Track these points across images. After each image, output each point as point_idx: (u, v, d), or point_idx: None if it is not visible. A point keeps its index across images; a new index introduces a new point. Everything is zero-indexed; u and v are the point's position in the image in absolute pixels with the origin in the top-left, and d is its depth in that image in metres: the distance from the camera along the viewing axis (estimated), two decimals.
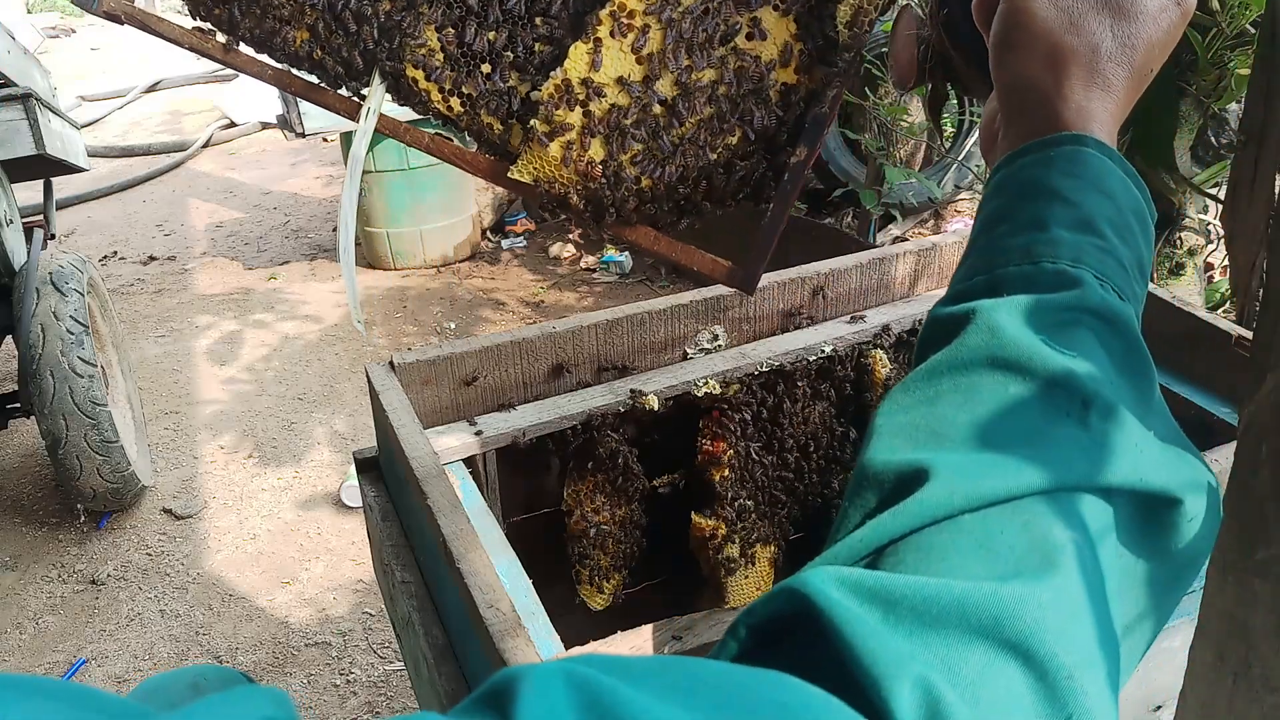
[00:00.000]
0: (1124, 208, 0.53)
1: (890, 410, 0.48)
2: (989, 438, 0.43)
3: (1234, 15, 1.63)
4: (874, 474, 0.44)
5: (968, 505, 0.40)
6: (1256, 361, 0.60)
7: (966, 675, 0.35)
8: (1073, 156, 0.53)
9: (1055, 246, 0.50)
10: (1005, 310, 0.48)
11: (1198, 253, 2.08)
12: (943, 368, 0.47)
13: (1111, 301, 0.48)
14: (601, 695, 0.30)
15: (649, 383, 1.34)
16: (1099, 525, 0.41)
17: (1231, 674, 0.62)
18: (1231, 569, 0.61)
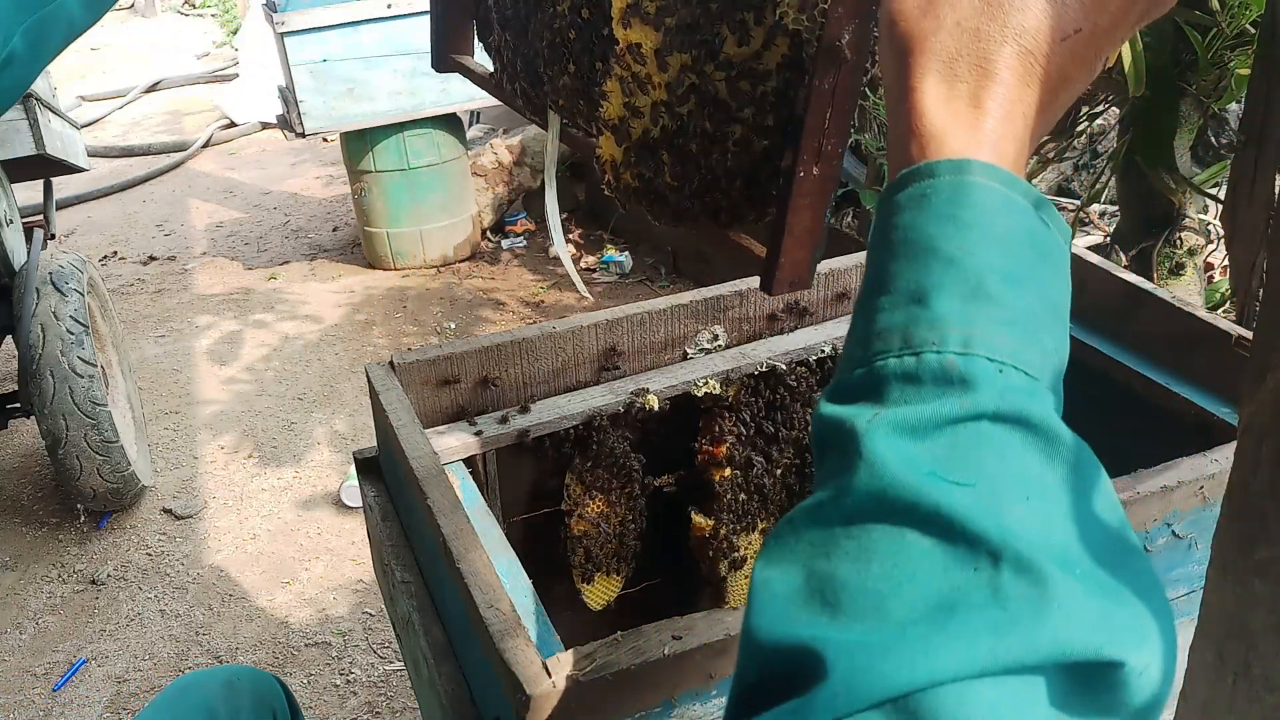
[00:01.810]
0: (1021, 247, 0.44)
1: (778, 559, 0.41)
2: (885, 610, 0.37)
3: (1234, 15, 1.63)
4: (761, 648, 0.39)
5: (861, 706, 0.35)
6: (1256, 361, 0.60)
7: None
8: (953, 193, 0.44)
9: (938, 328, 0.41)
10: (884, 434, 0.40)
11: (1198, 253, 2.08)
12: (831, 513, 0.40)
13: (1013, 393, 0.40)
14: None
15: (649, 383, 1.34)
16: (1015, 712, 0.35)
17: (1231, 674, 0.62)
18: (1231, 569, 0.61)
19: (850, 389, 0.43)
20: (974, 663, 0.35)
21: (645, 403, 1.31)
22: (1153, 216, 2.04)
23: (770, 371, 1.38)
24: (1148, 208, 2.04)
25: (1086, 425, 1.26)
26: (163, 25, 11.12)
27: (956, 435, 0.39)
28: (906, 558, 0.38)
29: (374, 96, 4.05)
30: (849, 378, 0.44)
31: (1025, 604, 0.36)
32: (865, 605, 0.37)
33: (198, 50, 9.68)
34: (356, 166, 4.29)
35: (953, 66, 0.46)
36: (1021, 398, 0.40)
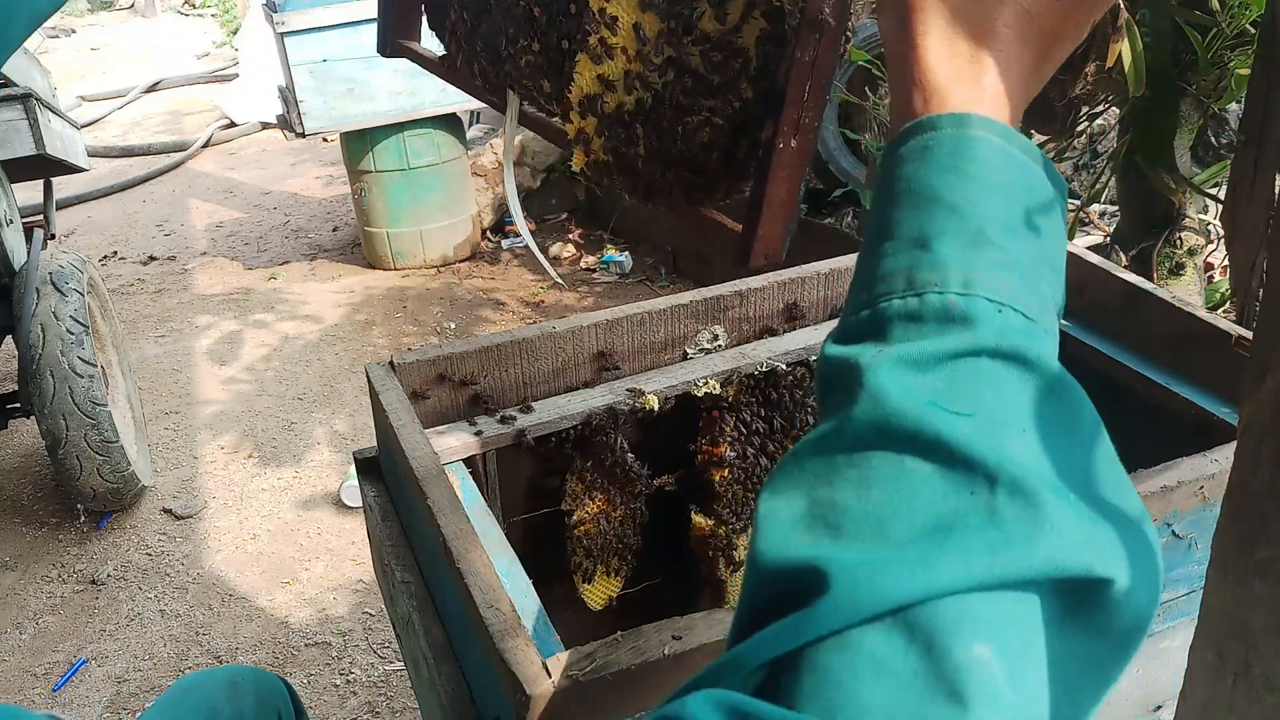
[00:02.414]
0: (1018, 199, 0.46)
1: (782, 489, 0.43)
2: (885, 531, 0.38)
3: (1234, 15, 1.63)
4: (766, 571, 0.40)
5: (862, 617, 0.36)
6: (1256, 361, 0.60)
7: None
8: (955, 146, 0.45)
9: (940, 270, 0.43)
10: (887, 367, 0.42)
11: (1198, 253, 2.08)
12: (833, 443, 0.42)
13: (1012, 332, 0.42)
14: None
15: (649, 383, 1.34)
16: (1012, 626, 0.37)
17: (1231, 674, 0.62)
18: (1231, 569, 0.61)
19: (854, 331, 0.45)
20: (971, 577, 0.36)
21: (645, 403, 1.31)
22: (1153, 216, 2.04)
23: (770, 372, 1.38)
24: (1148, 208, 2.04)
25: None
26: (163, 25, 11.12)
27: (957, 369, 0.41)
28: (906, 483, 0.39)
29: (374, 96, 4.05)
30: (853, 320, 0.46)
31: (1020, 524, 0.37)
32: (866, 528, 0.39)
33: (198, 50, 9.68)
34: (356, 166, 4.29)
35: (954, 24, 0.47)
36: (1020, 337, 0.42)
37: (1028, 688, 0.37)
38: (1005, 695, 0.36)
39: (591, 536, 1.39)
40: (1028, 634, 0.38)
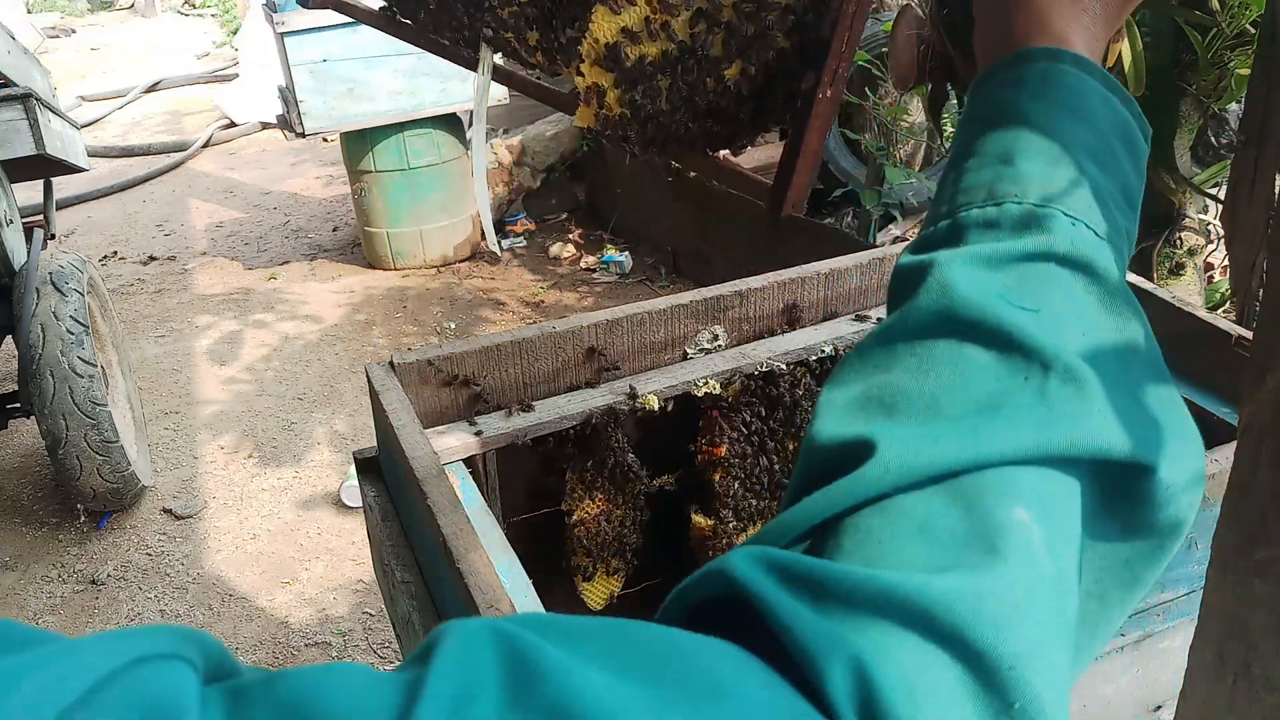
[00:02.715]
0: (1105, 131, 0.48)
1: (842, 380, 0.44)
2: (939, 408, 0.39)
3: (1234, 15, 1.63)
4: (818, 448, 0.41)
5: (905, 483, 0.37)
6: (1256, 361, 0.60)
7: (901, 665, 0.34)
8: (1045, 75, 0.48)
9: (1022, 183, 0.45)
10: (960, 264, 0.43)
11: (1198, 253, 2.08)
12: (897, 332, 0.44)
13: (1084, 244, 0.44)
14: (527, 654, 0.29)
15: (649, 383, 1.34)
16: (1055, 500, 0.38)
17: (1231, 674, 0.62)
18: (1231, 569, 0.61)
19: (931, 241, 0.47)
20: (1018, 449, 0.38)
21: (645, 403, 1.31)
22: (1153, 216, 2.04)
23: (770, 372, 1.38)
24: (1148, 208, 2.04)
25: None
26: (163, 25, 11.12)
27: (1027, 270, 0.43)
28: (964, 368, 0.41)
29: (374, 96, 4.05)
30: (930, 232, 0.48)
31: (1069, 404, 0.39)
32: (919, 405, 0.40)
33: (198, 50, 9.68)
34: (356, 166, 4.29)
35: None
36: (1090, 249, 0.44)
37: (1063, 561, 0.38)
38: (1042, 559, 0.37)
39: (591, 536, 1.39)
40: (1068, 512, 0.39)
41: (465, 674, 0.28)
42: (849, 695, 0.32)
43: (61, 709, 0.23)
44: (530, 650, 0.29)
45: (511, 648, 0.29)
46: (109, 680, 0.24)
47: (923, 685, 0.34)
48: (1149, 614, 1.02)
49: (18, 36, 2.91)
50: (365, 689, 0.27)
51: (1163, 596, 1.02)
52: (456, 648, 0.28)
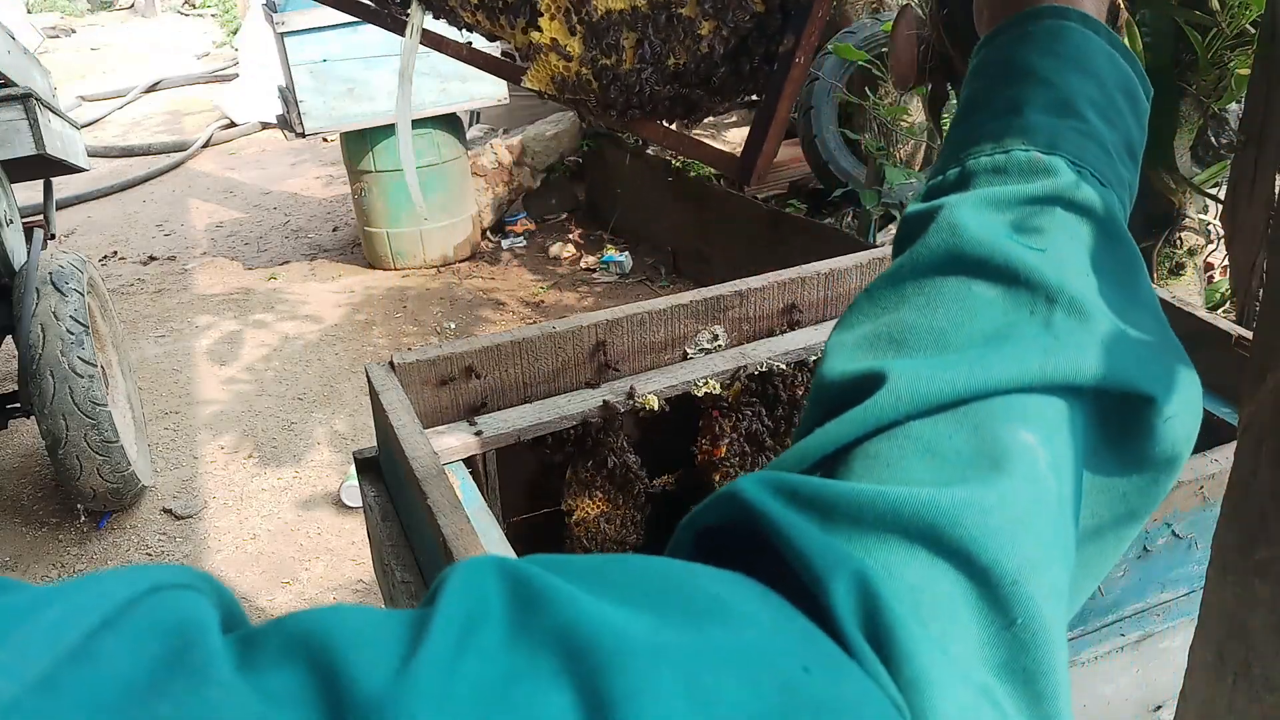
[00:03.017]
0: (1110, 86, 0.49)
1: (850, 322, 0.45)
2: (946, 341, 0.41)
3: (1234, 15, 1.63)
4: (829, 384, 0.42)
5: (916, 410, 0.38)
6: (1256, 361, 0.60)
7: (907, 581, 0.34)
8: (1053, 31, 0.50)
9: (1028, 132, 0.47)
10: (968, 205, 0.45)
11: (1198, 253, 2.08)
12: (905, 272, 0.45)
13: (1089, 189, 0.45)
14: (531, 582, 0.29)
15: (649, 383, 1.34)
16: (1058, 426, 0.39)
17: (1231, 674, 0.62)
18: (1231, 569, 0.61)
19: (939, 188, 0.48)
20: (1024, 376, 0.39)
21: (645, 403, 1.31)
22: (1153, 216, 2.04)
23: (770, 372, 1.38)
24: (1148, 208, 2.04)
25: None
26: (163, 25, 11.12)
27: (1033, 212, 0.44)
28: (971, 303, 0.42)
29: (374, 96, 4.05)
30: (939, 181, 0.49)
31: (1073, 335, 0.40)
32: (929, 340, 0.41)
33: (198, 50, 9.68)
34: (356, 166, 4.29)
35: None
36: (1095, 195, 0.45)
37: (1066, 484, 0.39)
38: (1046, 479, 0.38)
39: (591, 536, 1.39)
40: (1071, 440, 0.40)
41: (471, 604, 0.28)
42: (853, 610, 0.33)
43: (85, 631, 0.23)
44: (534, 579, 0.29)
45: (515, 578, 0.29)
46: (130, 604, 0.24)
47: (929, 601, 0.34)
48: (1149, 614, 1.02)
49: (18, 36, 2.91)
50: (374, 623, 0.27)
51: (1163, 596, 1.02)
52: (462, 582, 0.29)
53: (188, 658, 0.24)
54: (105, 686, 0.22)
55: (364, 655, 0.25)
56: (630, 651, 0.27)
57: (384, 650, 0.25)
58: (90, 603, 0.24)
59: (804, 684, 0.29)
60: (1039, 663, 0.35)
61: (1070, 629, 0.98)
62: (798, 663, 0.30)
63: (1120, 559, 0.95)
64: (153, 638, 0.24)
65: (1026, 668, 0.35)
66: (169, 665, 0.24)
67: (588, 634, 0.27)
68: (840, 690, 0.30)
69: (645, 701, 0.26)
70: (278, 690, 0.24)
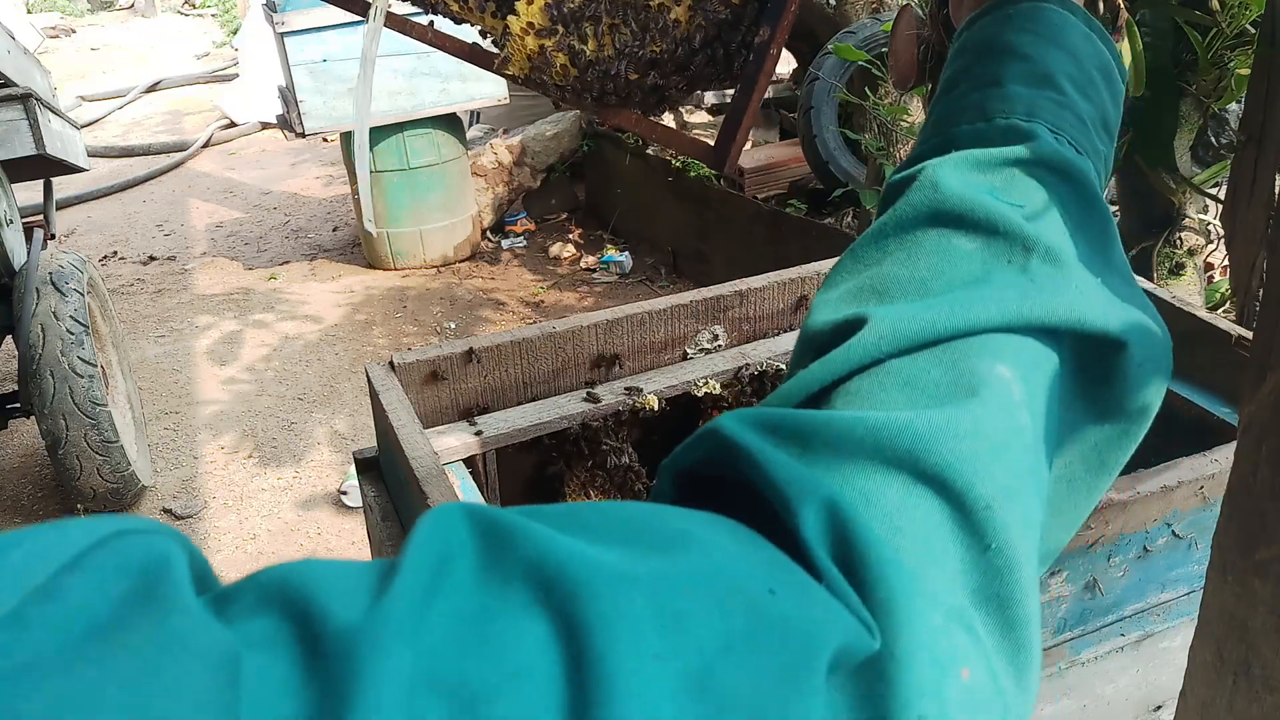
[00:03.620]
0: (1086, 63, 0.51)
1: (834, 281, 0.46)
2: (927, 288, 0.42)
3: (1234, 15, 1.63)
4: (813, 334, 0.43)
5: (896, 348, 0.39)
6: (1256, 361, 0.60)
7: (883, 508, 0.35)
8: (1030, 13, 0.52)
9: (1008, 102, 0.49)
10: (949, 165, 0.46)
11: (1198, 253, 2.08)
12: (887, 229, 0.46)
13: (1066, 154, 0.47)
14: (500, 522, 0.29)
15: (649, 383, 1.34)
16: (1034, 365, 0.40)
17: (1231, 674, 0.62)
18: (1231, 569, 0.61)
19: (922, 156, 0.49)
20: (1001, 316, 0.40)
21: (645, 403, 1.31)
22: (1153, 216, 2.04)
23: (771, 372, 1.38)
24: (1148, 208, 2.04)
25: None
26: (163, 25, 11.12)
27: (1013, 173, 0.46)
28: (951, 254, 0.43)
29: (374, 96, 4.04)
30: (922, 150, 0.50)
31: (1049, 279, 0.42)
32: (911, 289, 0.42)
33: (198, 50, 9.68)
34: (357, 166, 4.29)
35: None
36: (1072, 160, 0.47)
37: (1040, 422, 0.40)
38: (1020, 413, 0.39)
39: None
40: (1047, 380, 0.41)
41: (441, 545, 0.28)
42: (823, 536, 0.33)
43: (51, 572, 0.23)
44: (503, 519, 0.30)
45: (484, 520, 0.30)
46: (96, 546, 0.25)
47: (906, 527, 0.35)
48: (1149, 614, 1.02)
49: (18, 36, 2.91)
50: (347, 569, 0.27)
51: (1163, 596, 1.02)
52: (431, 526, 0.29)
53: (155, 592, 0.24)
54: (73, 621, 0.22)
55: (337, 596, 0.26)
56: (601, 579, 0.28)
57: (356, 591, 0.26)
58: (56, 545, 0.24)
59: (770, 605, 0.30)
60: (1011, 589, 0.36)
61: (1070, 629, 0.98)
62: (764, 586, 0.30)
63: (1121, 559, 0.95)
64: (120, 575, 0.24)
65: (999, 594, 0.36)
66: (136, 599, 0.24)
67: (558, 565, 0.28)
68: (806, 610, 0.31)
69: (618, 626, 0.27)
70: (254, 636, 0.25)
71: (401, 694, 0.24)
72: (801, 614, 0.30)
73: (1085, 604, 0.97)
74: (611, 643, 0.26)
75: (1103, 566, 0.95)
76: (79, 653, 0.22)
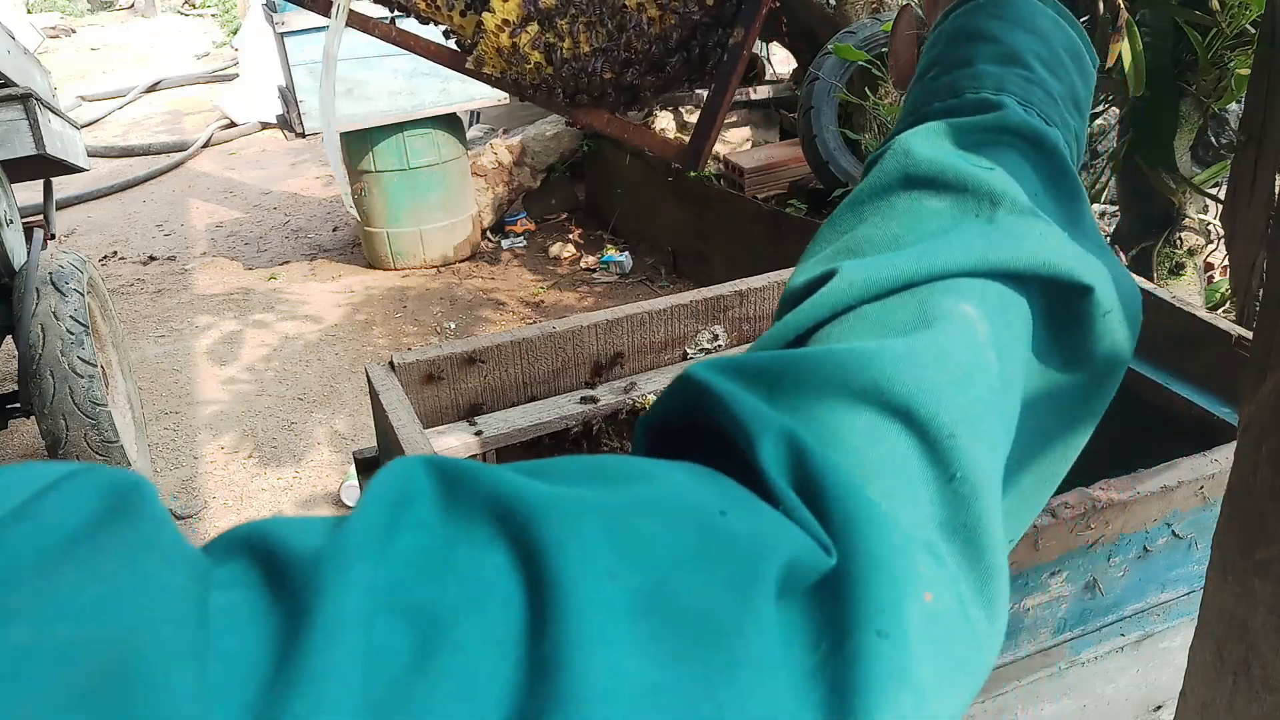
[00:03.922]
0: (1055, 45, 0.53)
1: (814, 248, 0.48)
2: (899, 243, 0.43)
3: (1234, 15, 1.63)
4: (790, 294, 0.44)
5: (866, 294, 0.40)
6: (1256, 361, 0.60)
7: (850, 438, 0.35)
8: (1000, 1, 0.54)
9: (978, 79, 0.50)
10: (921, 134, 0.48)
11: (1198, 253, 2.08)
12: (862, 196, 0.47)
13: (1035, 123, 0.48)
14: (459, 467, 0.30)
15: (649, 383, 1.34)
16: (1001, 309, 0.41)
17: (1231, 674, 0.62)
18: (1231, 569, 0.61)
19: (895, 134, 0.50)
20: (967, 261, 0.41)
21: (645, 403, 1.31)
22: (1153, 216, 2.04)
23: None
24: (1148, 208, 2.04)
25: None
26: (163, 25, 11.12)
27: (983, 139, 0.47)
28: (921, 213, 0.44)
29: (374, 96, 4.05)
30: (897, 129, 0.51)
31: (1015, 227, 0.42)
32: (882, 245, 0.43)
33: (198, 50, 9.68)
34: (356, 166, 4.29)
35: None
36: (1042, 129, 0.48)
37: (1007, 364, 0.40)
38: (985, 349, 0.39)
39: None
40: (1015, 323, 0.41)
41: (402, 485, 0.29)
42: (781, 465, 0.34)
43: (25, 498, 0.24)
44: (462, 464, 0.30)
45: (443, 464, 0.30)
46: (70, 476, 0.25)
47: (874, 459, 0.35)
48: (1149, 614, 1.02)
49: (18, 36, 2.91)
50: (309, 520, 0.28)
51: (1163, 596, 1.02)
52: (389, 471, 0.30)
53: (128, 506, 0.25)
54: (48, 535, 0.23)
55: (299, 535, 0.27)
56: (556, 507, 0.29)
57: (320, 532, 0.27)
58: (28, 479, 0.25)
59: (720, 524, 0.31)
60: (978, 518, 0.36)
61: (1070, 629, 0.98)
62: (716, 508, 0.31)
63: (1121, 559, 0.95)
64: (95, 494, 0.25)
65: (966, 523, 0.36)
66: (111, 513, 0.25)
67: (515, 498, 0.29)
68: (756, 526, 0.31)
69: (573, 548, 0.28)
70: (222, 579, 0.25)
71: (362, 608, 0.25)
72: (751, 530, 0.31)
73: (1085, 604, 0.97)
74: (567, 564, 0.27)
75: (1103, 566, 0.95)
76: (57, 557, 0.22)
